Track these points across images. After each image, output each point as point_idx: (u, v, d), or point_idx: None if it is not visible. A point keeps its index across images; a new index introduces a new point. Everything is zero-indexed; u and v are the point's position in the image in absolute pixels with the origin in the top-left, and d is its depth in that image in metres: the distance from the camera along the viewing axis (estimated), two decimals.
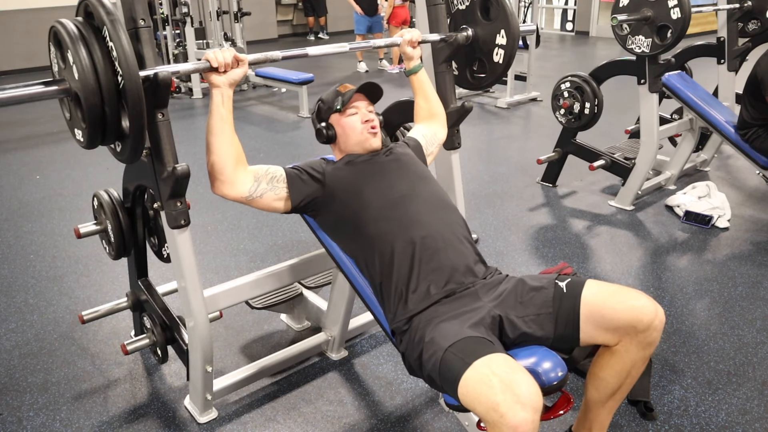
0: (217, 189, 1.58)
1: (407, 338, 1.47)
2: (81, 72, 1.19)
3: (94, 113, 1.21)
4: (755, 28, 3.81)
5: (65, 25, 1.24)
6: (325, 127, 1.80)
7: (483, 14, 1.96)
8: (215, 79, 1.49)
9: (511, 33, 1.90)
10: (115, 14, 1.22)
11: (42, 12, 8.64)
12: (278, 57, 1.60)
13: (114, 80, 1.21)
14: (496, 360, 1.25)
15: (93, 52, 1.20)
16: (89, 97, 1.19)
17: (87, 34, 1.22)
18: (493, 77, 2.02)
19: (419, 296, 1.50)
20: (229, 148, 1.54)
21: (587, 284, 1.46)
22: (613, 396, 1.52)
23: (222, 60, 1.48)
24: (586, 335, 1.43)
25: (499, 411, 1.15)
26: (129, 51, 1.18)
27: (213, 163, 1.54)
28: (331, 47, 1.77)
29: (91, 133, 1.25)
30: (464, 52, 2.05)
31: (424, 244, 1.53)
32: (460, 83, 2.14)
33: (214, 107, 1.51)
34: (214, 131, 1.52)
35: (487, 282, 1.54)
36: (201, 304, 1.75)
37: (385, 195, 1.62)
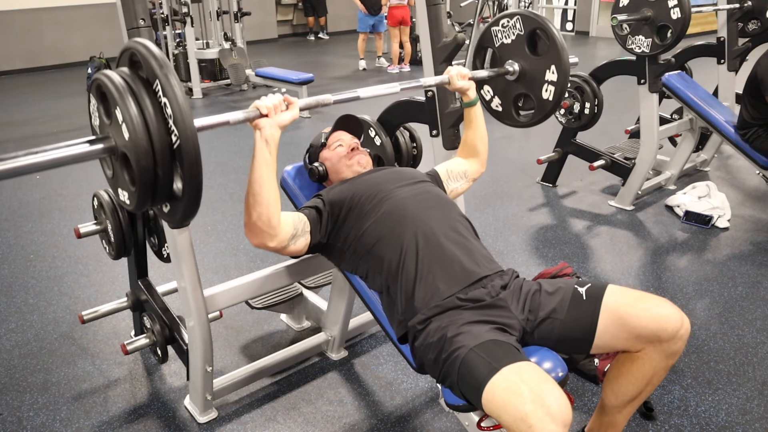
0: (259, 241, 1.48)
1: (423, 336, 1.43)
2: (132, 131, 1.06)
3: (147, 176, 1.09)
4: (755, 28, 3.81)
5: (112, 79, 1.10)
6: (316, 165, 1.86)
7: (530, 48, 1.82)
8: (262, 121, 1.40)
9: (562, 69, 1.75)
10: (168, 65, 1.09)
11: (42, 12, 8.66)
12: (329, 101, 1.52)
13: (168, 140, 1.08)
14: (526, 369, 1.22)
15: (144, 109, 1.08)
16: (141, 159, 1.07)
17: (137, 88, 1.09)
18: (541, 115, 1.86)
19: (425, 290, 1.46)
20: (276, 198, 1.44)
21: (609, 290, 1.43)
22: (631, 402, 1.50)
23: (271, 105, 1.40)
24: (602, 342, 1.40)
25: (528, 422, 1.11)
26: (186, 108, 1.06)
27: (259, 215, 1.43)
28: (383, 88, 1.66)
29: (140, 197, 1.12)
30: (510, 88, 1.91)
31: (426, 240, 1.52)
32: (505, 120, 1.99)
33: (258, 153, 1.40)
34: (260, 180, 1.40)
35: (512, 290, 1.49)
36: (201, 304, 1.75)
37: (381, 197, 1.61)
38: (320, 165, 1.86)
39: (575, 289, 1.45)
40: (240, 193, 3.75)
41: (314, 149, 1.92)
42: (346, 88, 6.77)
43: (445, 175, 1.88)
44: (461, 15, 9.58)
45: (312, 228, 1.59)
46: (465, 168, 1.91)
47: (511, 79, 1.88)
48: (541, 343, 1.45)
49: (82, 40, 8.81)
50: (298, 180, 2.00)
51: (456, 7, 8.65)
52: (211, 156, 4.71)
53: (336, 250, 1.65)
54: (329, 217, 1.62)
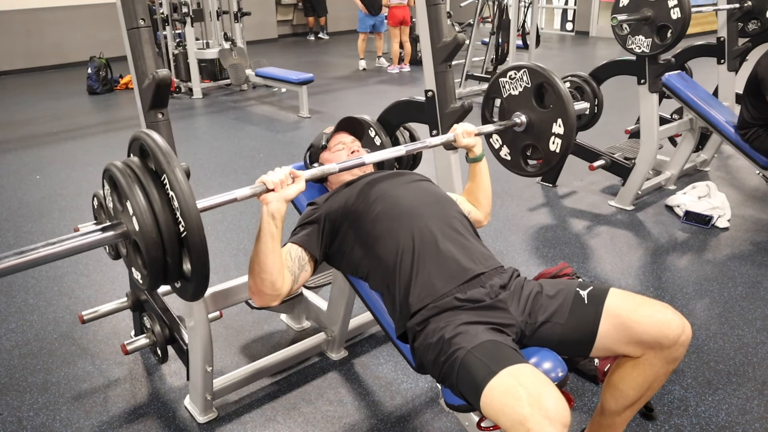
0: (264, 302, 1.52)
1: (422, 337, 1.43)
2: (142, 223, 1.12)
3: (156, 264, 1.16)
4: (755, 28, 3.81)
5: (123, 171, 1.16)
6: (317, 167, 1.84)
7: (537, 101, 1.84)
8: (269, 196, 1.41)
9: (568, 123, 1.77)
10: (174, 159, 1.13)
11: (42, 12, 8.66)
12: (335, 170, 1.53)
13: (176, 229, 1.14)
14: (524, 371, 1.21)
15: (153, 202, 1.13)
16: (150, 249, 1.14)
17: (145, 181, 1.15)
18: (548, 166, 1.92)
19: (422, 287, 1.45)
20: (280, 266, 1.47)
21: (611, 294, 1.42)
22: (630, 406, 1.50)
23: (277, 180, 1.41)
24: (603, 346, 1.40)
25: (526, 425, 1.11)
26: (192, 201, 1.11)
27: (263, 281, 1.46)
28: (389, 152, 1.68)
29: (151, 281, 1.19)
30: (518, 139, 1.95)
31: (422, 237, 1.51)
32: (514, 170, 2.04)
33: (264, 226, 1.42)
34: (265, 251, 1.43)
35: (512, 291, 1.49)
36: (201, 304, 1.75)
37: (377, 197, 1.61)
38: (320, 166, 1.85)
39: (577, 292, 1.45)
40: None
41: (315, 150, 1.92)
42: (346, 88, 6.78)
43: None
44: (461, 15, 9.58)
45: (310, 251, 1.59)
46: (469, 209, 1.91)
47: (519, 130, 1.91)
48: (542, 345, 1.44)
49: (82, 40, 8.81)
50: None
51: (456, 7, 8.64)
52: (212, 156, 4.71)
53: (337, 254, 1.64)
54: (328, 225, 1.61)
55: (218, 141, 5.12)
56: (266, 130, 5.48)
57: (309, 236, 1.60)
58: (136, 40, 1.56)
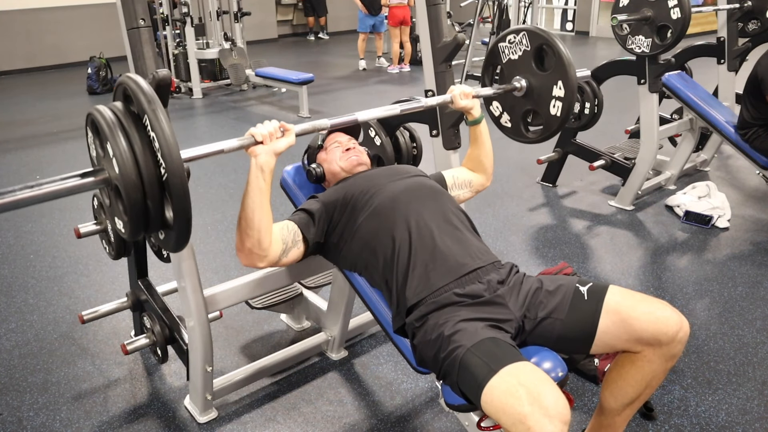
0: (249, 262, 1.50)
1: (422, 333, 1.43)
2: (122, 165, 1.10)
3: (137, 208, 1.13)
4: (755, 28, 3.81)
5: (104, 114, 1.15)
6: (314, 167, 1.87)
7: (537, 64, 1.81)
8: (257, 148, 1.40)
9: (569, 85, 1.74)
10: (156, 101, 1.12)
11: (42, 12, 8.65)
12: (327, 125, 1.52)
13: (156, 172, 1.12)
14: (524, 369, 1.22)
15: (133, 144, 1.11)
16: (131, 192, 1.11)
17: (127, 123, 1.13)
18: (550, 131, 1.86)
19: (418, 282, 1.46)
20: (268, 222, 1.46)
21: (610, 291, 1.43)
22: (630, 405, 1.50)
23: (266, 132, 1.40)
24: (602, 342, 1.40)
25: (527, 423, 1.12)
26: (173, 142, 1.10)
27: (250, 238, 1.45)
28: (382, 110, 1.66)
29: (133, 228, 1.17)
30: (518, 104, 1.90)
31: (419, 232, 1.52)
32: (515, 137, 1.98)
33: (252, 180, 1.41)
34: (253, 206, 1.43)
35: (511, 286, 1.49)
36: (201, 304, 1.75)
37: (374, 191, 1.62)
38: (318, 167, 1.87)
39: (577, 288, 1.45)
40: (240, 194, 3.75)
41: (311, 151, 1.93)
42: (346, 88, 6.79)
43: (451, 181, 1.88)
44: (461, 15, 9.58)
45: (304, 233, 1.59)
46: (470, 178, 1.91)
47: (519, 95, 1.87)
48: (541, 342, 1.45)
49: (82, 40, 8.80)
50: (297, 180, 2.00)
51: (456, 7, 8.65)
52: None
53: (333, 248, 1.65)
54: (324, 216, 1.63)
55: (218, 141, 5.11)
56: None
57: (306, 220, 1.62)
58: (136, 40, 1.57)
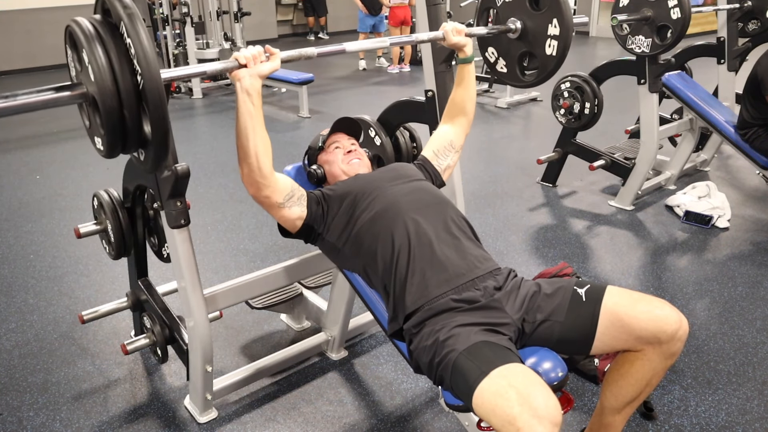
0: (255, 191, 1.52)
1: (418, 339, 1.43)
2: (97, 72, 1.08)
3: (113, 118, 1.10)
4: (755, 28, 3.81)
5: (80, 24, 1.12)
6: (315, 168, 1.87)
7: (532, 4, 1.80)
8: (241, 72, 1.38)
9: (564, 22, 1.72)
10: (133, 8, 1.09)
11: (42, 12, 8.65)
12: (313, 54, 1.48)
13: (133, 81, 1.09)
14: (514, 371, 1.22)
15: (109, 51, 1.08)
16: (106, 100, 1.09)
17: (103, 32, 1.10)
18: (545, 72, 1.84)
19: (416, 290, 1.46)
20: (264, 148, 1.46)
21: (608, 291, 1.43)
22: (630, 403, 1.51)
23: (250, 55, 1.39)
24: (602, 343, 1.40)
25: (516, 425, 1.11)
26: (149, 47, 1.06)
27: (250, 165, 1.46)
28: (370, 42, 1.72)
29: (110, 141, 1.14)
30: (513, 47, 1.89)
31: (418, 239, 1.51)
32: (510, 81, 1.96)
33: (241, 104, 1.41)
34: (246, 131, 1.43)
35: (508, 290, 1.49)
36: (201, 304, 1.75)
37: (376, 195, 1.62)
38: (318, 168, 1.87)
39: (575, 290, 1.45)
40: (240, 194, 3.76)
41: (312, 152, 1.93)
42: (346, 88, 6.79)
43: (433, 156, 1.85)
44: (461, 15, 9.57)
45: (308, 204, 1.62)
46: (450, 138, 1.87)
47: (514, 37, 1.86)
48: (541, 345, 1.45)
49: None
50: (298, 180, 1.99)
51: (456, 7, 8.64)
52: (211, 156, 4.71)
53: (333, 247, 1.66)
54: (324, 204, 1.64)
55: (218, 141, 5.12)
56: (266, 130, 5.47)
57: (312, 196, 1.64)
58: None
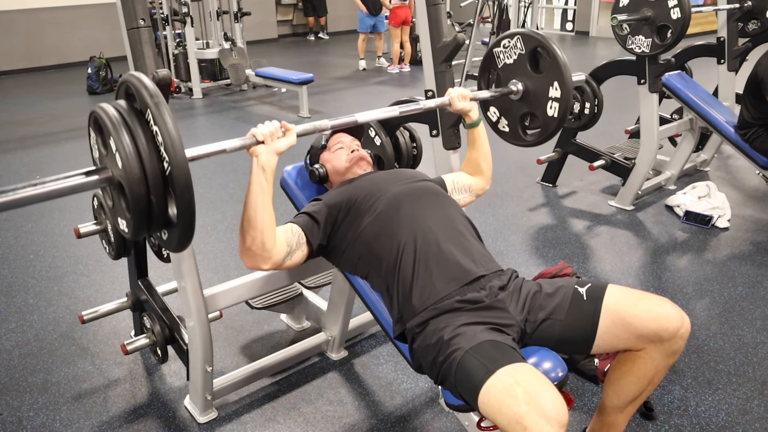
0: (253, 263, 1.50)
1: (421, 338, 1.43)
2: (125, 159, 1.10)
3: (140, 204, 1.12)
4: (755, 28, 3.81)
5: (106, 111, 1.14)
6: (317, 167, 1.87)
7: (533, 66, 1.82)
8: (258, 148, 1.40)
9: (565, 85, 1.75)
10: (159, 96, 1.12)
11: (42, 12, 8.65)
12: (327, 126, 1.51)
13: (160, 167, 1.11)
14: (521, 370, 1.22)
15: (137, 138, 1.11)
16: (134, 186, 1.10)
17: (130, 119, 1.13)
18: (547, 133, 1.86)
19: (423, 289, 1.45)
20: (271, 222, 1.45)
21: (609, 290, 1.43)
22: (632, 402, 1.51)
23: (267, 132, 1.40)
24: (603, 342, 1.40)
25: (523, 424, 1.11)
26: (176, 135, 1.09)
27: (254, 239, 1.45)
28: (382, 111, 1.67)
29: (136, 224, 1.16)
30: (515, 108, 1.91)
31: (424, 238, 1.51)
32: (513, 141, 1.98)
33: (254, 179, 1.41)
34: (256, 206, 1.42)
35: (511, 291, 1.49)
36: (201, 304, 1.75)
37: (378, 196, 1.61)
38: (321, 167, 1.87)
39: (576, 290, 1.45)
40: (240, 194, 3.75)
41: (315, 151, 1.92)
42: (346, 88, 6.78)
43: (451, 185, 1.87)
44: (461, 15, 9.58)
45: (308, 236, 1.59)
46: (470, 183, 1.91)
47: (516, 98, 1.88)
48: (542, 344, 1.45)
49: (82, 40, 8.80)
50: (299, 180, 2.00)
51: (456, 7, 8.65)
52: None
53: (335, 250, 1.65)
54: (328, 219, 1.62)
55: (218, 141, 5.10)
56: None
57: (309, 222, 1.61)
58: (136, 40, 1.56)
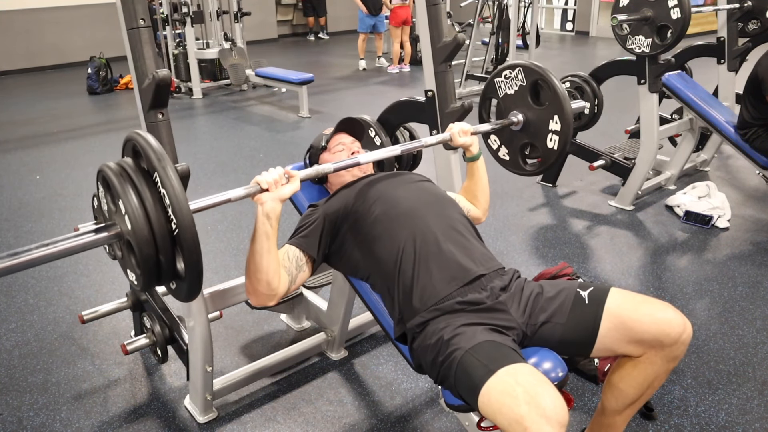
0: (260, 302, 1.51)
1: (421, 338, 1.43)
2: (134, 222, 1.12)
3: (150, 263, 1.15)
4: (755, 28, 3.81)
5: (114, 171, 1.16)
6: None
7: (533, 99, 1.83)
8: (263, 196, 1.40)
9: (565, 119, 1.76)
10: (166, 158, 1.14)
11: (42, 12, 8.66)
12: (330, 170, 1.52)
13: (168, 227, 1.14)
14: (522, 370, 1.21)
15: (145, 201, 1.13)
16: (143, 247, 1.13)
17: (138, 180, 1.15)
18: (547, 164, 1.89)
19: (423, 289, 1.45)
20: (276, 265, 1.46)
21: (611, 293, 1.42)
22: (631, 405, 1.50)
23: (271, 180, 1.40)
24: (603, 345, 1.40)
25: (524, 424, 1.11)
26: (183, 198, 1.11)
27: (259, 281, 1.45)
28: (384, 151, 1.67)
29: (145, 280, 1.19)
30: (516, 138, 1.93)
31: (423, 238, 1.51)
32: (512, 169, 2.02)
33: (259, 226, 1.41)
34: (260, 251, 1.42)
35: (512, 292, 1.49)
36: (201, 304, 1.75)
37: (377, 198, 1.61)
38: None
39: (577, 292, 1.45)
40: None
41: (315, 151, 1.92)
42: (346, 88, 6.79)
43: None
44: (461, 15, 9.57)
45: (309, 253, 1.58)
46: (468, 207, 1.89)
47: (516, 129, 1.90)
48: (542, 346, 1.44)
49: (82, 40, 8.81)
50: None
51: (456, 7, 8.64)
52: (212, 156, 4.71)
53: (336, 255, 1.64)
54: (327, 227, 1.60)
55: (218, 141, 5.12)
56: (266, 130, 5.48)
57: (307, 237, 1.59)
58: (136, 40, 1.56)
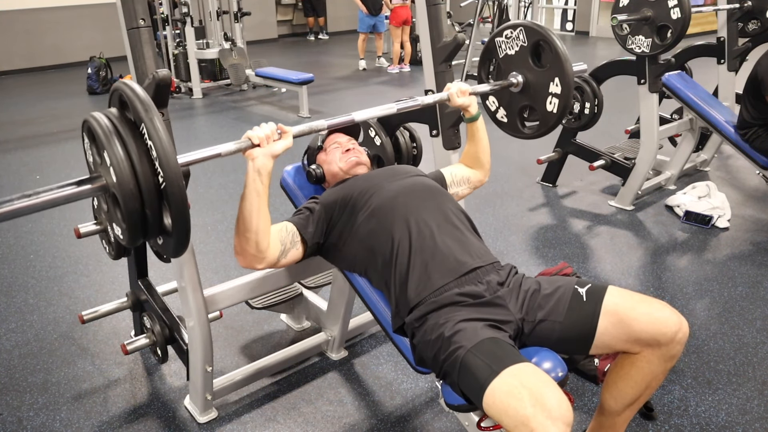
0: (247, 263, 1.50)
1: (421, 333, 1.43)
2: (119, 174, 1.09)
3: (135, 216, 1.13)
4: (755, 28, 3.81)
5: (99, 122, 1.13)
6: (314, 168, 1.87)
7: (534, 60, 1.79)
8: (254, 151, 1.39)
9: (565, 81, 1.72)
10: (153, 108, 1.11)
11: (42, 12, 8.65)
12: (323, 126, 1.51)
13: (154, 180, 1.11)
14: (526, 371, 1.22)
15: (130, 152, 1.10)
16: (128, 201, 1.11)
17: (124, 131, 1.12)
18: (545, 127, 1.84)
19: (418, 281, 1.45)
20: (266, 225, 1.46)
21: (609, 291, 1.43)
22: (630, 406, 1.50)
23: (263, 134, 1.39)
24: (601, 343, 1.40)
25: (530, 425, 1.11)
26: (170, 150, 1.09)
27: (248, 240, 1.45)
28: (380, 109, 1.65)
29: (131, 235, 1.16)
30: (514, 100, 1.89)
31: (419, 231, 1.51)
32: (511, 131, 1.97)
33: (250, 183, 1.40)
34: (250, 208, 1.42)
35: (510, 288, 1.49)
36: (201, 304, 1.75)
37: (373, 192, 1.62)
38: (317, 168, 1.87)
39: (575, 290, 1.45)
40: (240, 193, 3.75)
41: (311, 151, 1.93)
42: (346, 88, 6.79)
43: (450, 178, 1.87)
44: (461, 15, 9.58)
45: (303, 234, 1.59)
46: (468, 174, 1.91)
47: (515, 91, 1.86)
48: (540, 344, 1.44)
49: (82, 40, 8.81)
50: (297, 180, 2.00)
51: (456, 7, 8.65)
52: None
53: (333, 249, 1.65)
54: (323, 216, 1.62)
55: (218, 141, 5.05)
56: None
57: (305, 220, 1.61)
58: (136, 40, 1.57)
